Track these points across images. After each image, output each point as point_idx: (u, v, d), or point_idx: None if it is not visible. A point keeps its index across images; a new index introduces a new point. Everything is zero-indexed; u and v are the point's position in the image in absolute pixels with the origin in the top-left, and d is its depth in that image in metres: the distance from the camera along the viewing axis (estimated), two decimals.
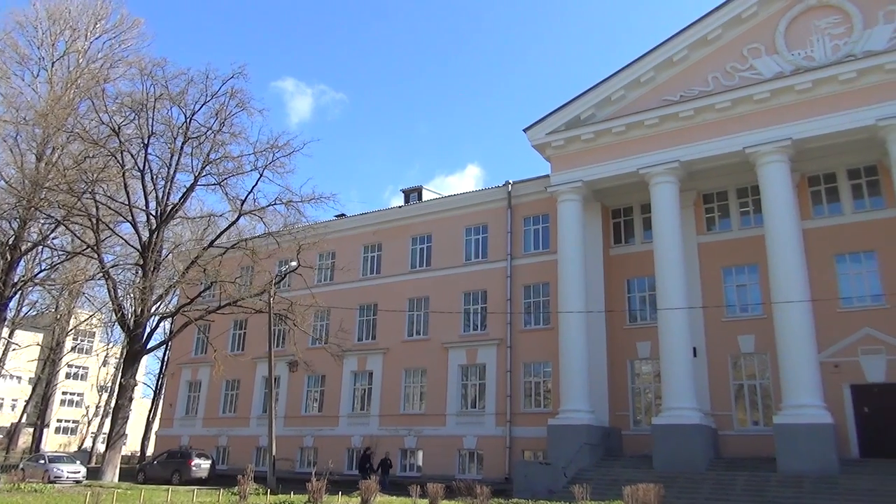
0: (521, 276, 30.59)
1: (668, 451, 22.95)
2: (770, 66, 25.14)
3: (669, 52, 26.90)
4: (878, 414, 22.68)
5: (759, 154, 24.31)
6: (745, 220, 26.96)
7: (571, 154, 28.42)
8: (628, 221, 29.60)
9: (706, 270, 26.80)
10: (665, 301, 24.82)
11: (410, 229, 34.61)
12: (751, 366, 25.62)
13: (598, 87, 28.03)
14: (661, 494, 17.95)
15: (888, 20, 23.39)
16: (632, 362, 27.86)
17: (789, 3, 25.35)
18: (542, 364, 29.19)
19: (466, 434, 29.76)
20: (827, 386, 22.59)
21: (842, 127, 23.23)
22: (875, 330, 23.17)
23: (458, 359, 31.20)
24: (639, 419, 27.11)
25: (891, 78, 22.61)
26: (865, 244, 24.25)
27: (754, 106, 24.80)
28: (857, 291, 24.13)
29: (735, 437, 24.67)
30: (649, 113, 26.53)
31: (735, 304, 26.32)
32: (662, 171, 26.02)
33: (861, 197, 25.07)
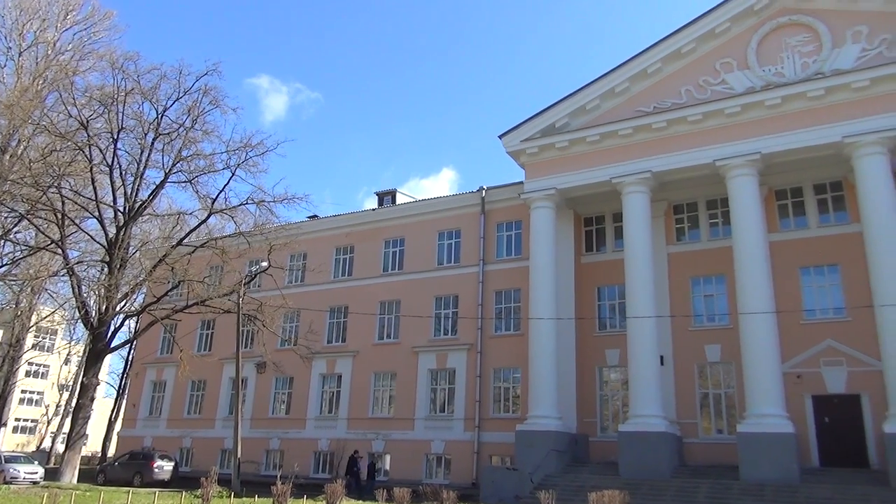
0: (492, 281, 30.68)
1: (633, 458, 23.17)
2: (741, 80, 25.61)
3: (644, 64, 27.25)
4: (837, 424, 23.19)
5: (728, 167, 24.73)
6: (713, 232, 27.40)
7: (545, 162, 28.62)
8: (600, 230, 29.89)
9: (675, 280, 27.16)
10: (634, 309, 25.08)
11: (383, 232, 34.51)
12: (716, 375, 26.01)
13: (574, 97, 28.28)
14: (625, 501, 18.13)
15: (855, 40, 23.99)
16: (600, 369, 28.10)
17: (761, 20, 25.86)
18: (511, 370, 29.28)
19: (435, 438, 29.70)
20: (789, 396, 23.02)
21: (809, 143, 23.74)
22: (837, 342, 23.69)
23: (428, 363, 31.15)
24: (606, 426, 27.33)
25: (857, 96, 23.17)
26: (829, 258, 24.80)
27: (725, 119, 25.23)
28: (820, 304, 24.66)
29: (700, 444, 25.00)
30: (623, 123, 26.83)
31: (702, 314, 26.72)
32: (634, 181, 26.32)
33: (826, 211, 25.64)
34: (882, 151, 22.54)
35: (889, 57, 23.12)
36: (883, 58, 23.23)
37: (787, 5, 25.43)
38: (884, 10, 23.64)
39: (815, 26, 24.71)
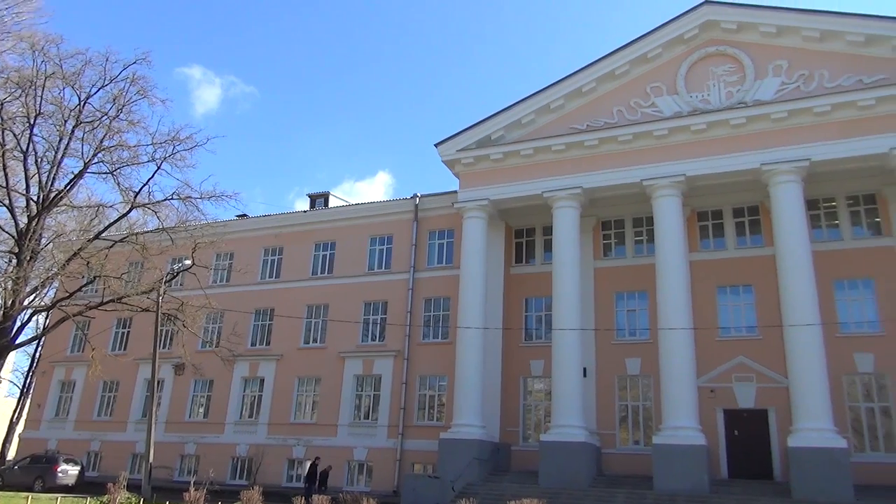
0: (422, 289, 30.67)
1: (553, 467, 23.55)
2: (670, 105, 26.60)
3: (579, 83, 27.91)
4: (746, 437, 24.28)
5: (654, 187, 25.59)
6: (638, 249, 28.28)
7: (480, 172, 28.90)
8: (530, 242, 30.38)
9: (600, 294, 27.86)
10: (560, 322, 25.56)
11: (314, 235, 34.01)
12: (636, 387, 26.79)
13: (510, 110, 28.70)
14: None
15: (776, 73, 25.30)
16: (525, 379, 28.50)
17: (691, 49, 26.94)
18: (438, 377, 29.31)
19: (357, 445, 29.38)
20: (703, 409, 23.96)
21: (730, 168, 24.85)
22: (748, 359, 24.84)
23: (354, 369, 30.81)
24: (528, 435, 27.71)
25: (776, 126, 24.42)
26: (744, 278, 25.99)
27: (653, 141, 26.13)
28: (734, 322, 25.80)
29: (617, 455, 25.68)
30: (556, 139, 27.40)
31: (625, 328, 27.49)
32: (565, 195, 26.89)
33: (743, 234, 26.88)
34: (796, 180, 23.82)
35: (805, 91, 24.49)
36: (800, 91, 24.59)
37: (714, 36, 26.57)
38: (803, 47, 25.03)
39: (740, 58, 25.92)
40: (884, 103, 23.09)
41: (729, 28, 26.03)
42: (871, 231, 25.30)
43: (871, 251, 24.73)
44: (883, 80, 23.44)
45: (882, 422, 23.34)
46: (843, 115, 23.63)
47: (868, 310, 24.36)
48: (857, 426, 23.54)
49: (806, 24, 24.69)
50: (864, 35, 23.85)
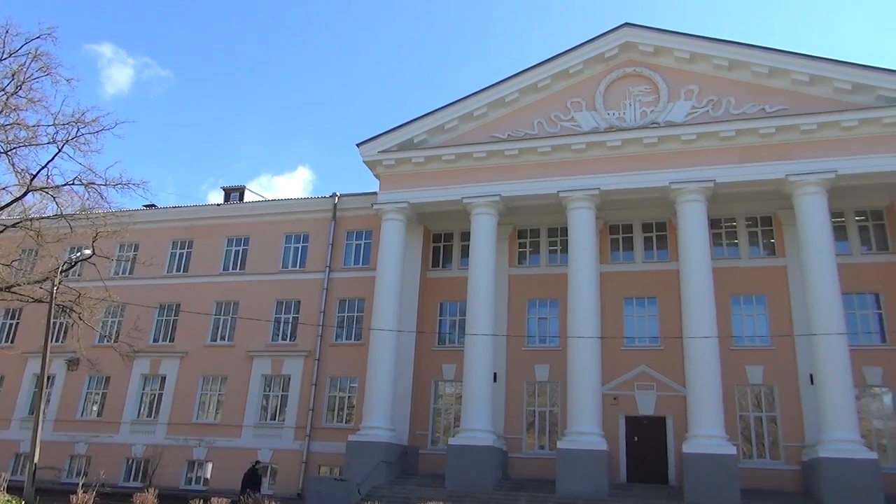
0: (337, 289, 30.29)
1: (460, 470, 23.73)
2: (588, 120, 27.42)
3: (502, 93, 28.35)
4: (645, 443, 25.30)
5: (570, 199, 26.30)
6: (552, 258, 28.97)
7: (401, 175, 28.86)
8: (448, 247, 30.57)
9: (513, 301, 28.35)
10: (473, 327, 25.83)
11: (227, 229, 32.98)
12: (544, 393, 27.41)
13: (434, 115, 28.82)
14: None
15: (688, 98, 26.52)
16: (436, 383, 28.64)
17: (610, 68, 27.87)
18: (349, 379, 29.01)
19: (262, 447, 28.62)
20: (606, 416, 24.79)
21: (641, 184, 25.88)
22: (650, 368, 25.91)
23: (262, 368, 30.04)
24: (437, 439, 27.84)
25: (685, 148, 25.62)
26: (649, 291, 27.10)
27: (571, 154, 26.86)
28: (639, 332, 26.86)
29: (523, 459, 26.17)
30: (478, 147, 27.73)
31: (536, 335, 28.10)
32: (484, 203, 27.24)
33: (651, 248, 28.04)
34: (701, 199, 25.06)
35: (713, 116, 25.81)
36: (709, 116, 25.88)
37: (633, 57, 27.61)
38: (713, 74, 26.36)
39: (656, 80, 27.04)
40: (783, 132, 24.66)
41: (646, 51, 27.13)
42: (767, 251, 26.93)
43: (766, 270, 26.34)
44: (783, 110, 25.02)
45: (769, 430, 24.87)
46: (746, 141, 25.07)
47: (760, 325, 25.93)
48: (746, 434, 24.98)
49: (716, 53, 26.04)
50: (768, 67, 25.39)
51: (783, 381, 24.82)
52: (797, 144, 24.56)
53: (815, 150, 24.31)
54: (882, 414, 24.49)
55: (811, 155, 24.27)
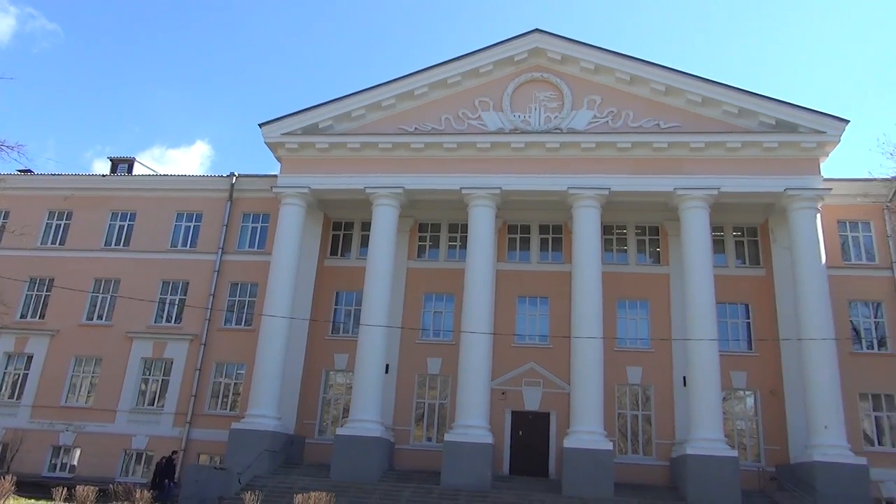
0: (229, 272, 29.26)
1: (346, 461, 23.55)
2: (494, 120, 27.86)
3: (412, 86, 28.28)
4: (528, 437, 26.11)
5: (472, 196, 26.66)
6: (451, 253, 29.26)
7: (303, 160, 28.26)
8: (347, 236, 30.23)
9: (410, 294, 28.42)
10: (368, 317, 25.67)
11: (112, 202, 31.11)
12: (435, 386, 27.67)
13: (341, 101, 28.38)
14: (331, 503, 18.24)
15: (590, 107, 27.50)
16: (327, 372, 28.28)
17: (518, 71, 28.44)
18: (236, 365, 28.11)
19: (138, 433, 27.25)
20: (493, 410, 25.35)
21: (541, 187, 26.62)
22: (538, 365, 26.73)
23: (142, 351, 28.56)
24: (325, 428, 27.51)
25: (584, 155, 26.56)
26: (542, 291, 27.94)
27: (475, 153, 27.22)
28: (529, 330, 27.66)
29: (410, 451, 26.33)
30: (384, 137, 27.58)
31: (430, 329, 28.30)
32: (387, 194, 27.12)
33: (547, 250, 28.90)
34: (596, 206, 26.08)
35: (613, 127, 26.89)
36: (608, 127, 26.94)
37: (541, 63, 28.30)
38: (615, 87, 27.45)
39: (561, 87, 27.85)
40: (674, 148, 26.09)
41: (554, 58, 27.91)
42: (653, 259, 28.42)
43: (650, 277, 27.78)
44: (676, 127, 26.45)
45: (644, 428, 26.28)
46: (641, 154, 26.33)
47: (642, 328, 27.33)
48: (623, 431, 26.29)
49: (619, 67, 27.17)
50: (665, 85, 26.75)
51: (659, 383, 26.29)
52: (686, 160, 26.06)
53: (702, 167, 25.89)
54: (745, 415, 26.46)
55: (698, 171, 25.82)
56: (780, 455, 24.78)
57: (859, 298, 26.28)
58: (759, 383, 26.04)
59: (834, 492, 21.20)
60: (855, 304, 26.31)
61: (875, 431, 24.97)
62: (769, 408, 25.71)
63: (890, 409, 25.05)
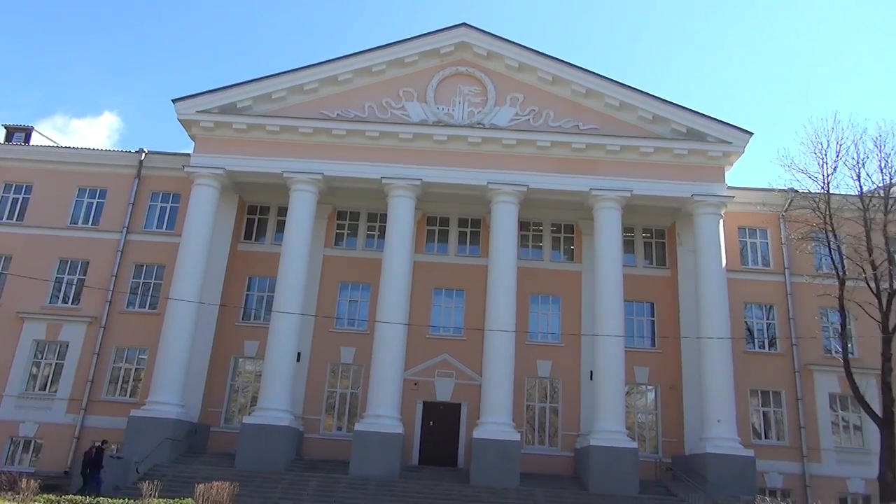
0: (134, 252, 27.96)
1: (252, 450, 23.03)
2: (418, 111, 27.80)
3: (336, 71, 27.82)
4: (439, 428, 26.34)
5: (392, 186, 26.54)
6: (369, 242, 29.05)
7: (219, 139, 27.33)
8: (263, 220, 29.50)
9: (326, 281, 28.03)
10: (281, 304, 25.13)
11: (5, 173, 29.15)
12: (347, 376, 27.45)
13: (262, 82, 27.61)
14: (234, 493, 17.71)
15: (513, 104, 27.88)
16: (236, 359, 27.57)
17: (444, 64, 28.48)
18: (138, 350, 26.94)
19: (26, 419, 25.71)
20: (405, 400, 25.40)
21: (462, 181, 26.80)
22: (451, 357, 26.99)
23: (34, 332, 26.91)
24: (231, 417, 26.83)
25: (505, 151, 26.93)
26: (458, 283, 28.18)
27: (397, 143, 27.10)
28: (444, 322, 27.85)
29: (320, 440, 26.05)
30: (305, 121, 27.03)
31: (344, 318, 28.03)
32: (306, 179, 26.61)
33: (465, 243, 29.14)
34: (514, 202, 26.51)
35: (534, 125, 27.37)
36: (529, 125, 27.41)
37: (466, 58, 28.46)
38: (537, 86, 27.95)
39: (485, 83, 28.10)
40: (592, 149, 26.84)
41: (480, 53, 28.12)
42: (566, 256, 29.18)
43: (563, 273, 28.51)
44: (594, 129, 27.22)
45: (551, 420, 27.02)
46: (559, 153, 26.95)
47: (553, 323, 28.04)
48: (531, 422, 26.96)
49: (542, 67, 27.68)
50: (585, 88, 27.47)
51: (567, 376, 27.07)
52: (602, 162, 26.88)
53: (617, 169, 26.77)
54: (646, 409, 27.64)
55: (612, 173, 26.68)
56: (677, 447, 26.03)
57: (754, 301, 27.90)
58: (660, 378, 27.23)
59: (723, 481, 22.45)
60: (750, 306, 27.91)
61: (763, 425, 26.63)
62: (668, 402, 26.95)
63: (777, 405, 26.76)
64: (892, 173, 23.44)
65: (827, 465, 25.62)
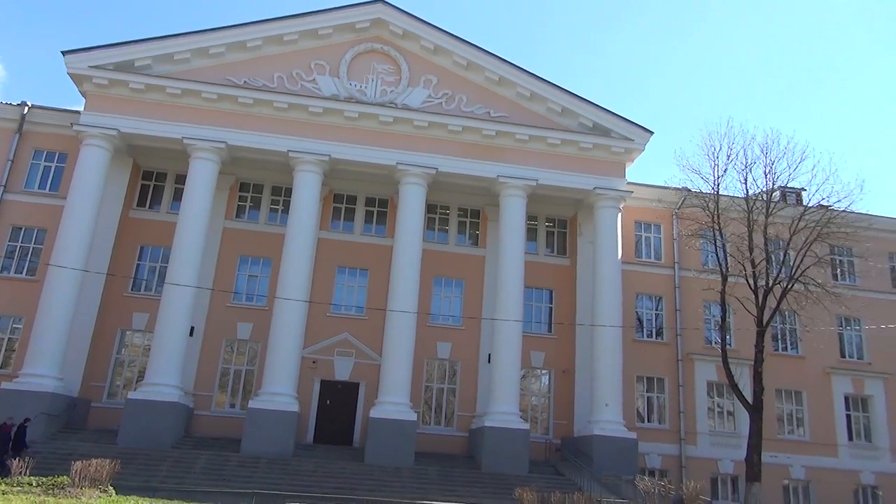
0: (12, 214, 25.91)
1: (137, 426, 22.01)
2: (329, 85, 27.16)
3: (244, 37, 26.70)
4: (335, 406, 26.18)
5: (299, 161, 25.87)
6: (272, 217, 28.25)
7: (114, 98, 25.69)
8: (159, 187, 28.06)
9: (224, 254, 27.07)
10: (175, 276, 24.02)
11: None
12: (243, 352, 26.70)
13: (164, 41, 26.16)
14: (115, 471, 16.87)
15: (426, 86, 27.73)
16: (124, 332, 26.23)
17: (359, 39, 27.93)
18: (12, 318, 25.03)
19: None
20: (302, 378, 25.07)
21: (371, 159, 26.47)
22: (352, 336, 26.81)
23: None
24: (115, 392, 25.50)
25: (416, 133, 26.80)
26: (363, 262, 27.94)
27: (307, 116, 26.39)
28: (346, 301, 27.56)
29: (211, 417, 25.26)
30: (210, 87, 25.85)
31: (243, 292, 27.19)
32: (207, 147, 25.49)
33: (371, 222, 28.87)
34: (422, 184, 26.49)
35: (446, 109, 27.35)
36: (442, 108, 27.38)
37: (382, 35, 28.03)
38: (451, 70, 27.92)
39: (400, 62, 27.80)
40: (501, 137, 27.17)
41: (396, 32, 27.78)
42: (471, 241, 29.52)
43: (468, 257, 28.86)
44: (504, 117, 27.55)
45: (448, 401, 27.42)
46: (469, 138, 27.12)
47: (455, 306, 28.35)
48: (429, 402, 27.26)
49: (457, 51, 27.68)
50: (498, 76, 27.72)
51: (466, 358, 27.51)
52: (510, 150, 27.28)
53: (524, 158, 27.26)
54: (539, 392, 28.54)
55: (520, 162, 27.14)
56: (567, 429, 27.07)
57: (645, 292, 29.30)
58: (554, 363, 28.16)
59: (607, 462, 23.55)
60: (641, 297, 29.31)
61: (646, 410, 28.11)
62: (561, 386, 27.94)
63: (660, 391, 28.29)
64: (776, 179, 25.15)
65: (701, 447, 27.41)
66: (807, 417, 28.74)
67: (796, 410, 28.88)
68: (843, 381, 29.29)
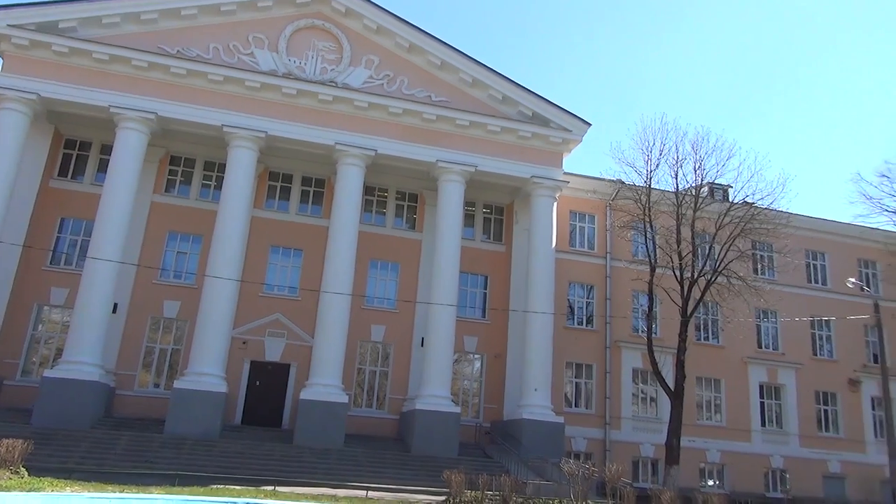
0: None
1: (53, 406, 21.06)
2: (268, 60, 26.42)
3: (179, 4, 25.66)
4: (266, 388, 25.76)
5: (233, 136, 25.13)
6: (203, 192, 27.40)
7: (35, 61, 24.31)
8: (83, 157, 26.77)
9: (152, 229, 26.13)
10: (97, 250, 22.99)
11: None
12: (169, 331, 25.92)
13: (91, 3, 24.88)
14: (28, 451, 16.10)
15: (368, 66, 27.31)
16: (41, 307, 25.00)
17: (299, 14, 27.23)
18: None
19: None
20: (232, 359, 24.54)
21: (308, 138, 25.95)
22: (284, 317, 26.39)
23: None
24: (30, 369, 24.34)
25: (355, 113, 26.40)
26: (297, 243, 27.47)
27: (243, 90, 25.62)
28: (279, 281, 27.08)
29: (133, 397, 24.49)
30: (140, 54, 24.76)
31: (171, 269, 26.35)
32: (136, 118, 24.44)
33: (307, 202, 28.39)
34: (360, 165, 26.16)
35: (387, 90, 27.03)
36: (383, 90, 27.04)
37: (324, 11, 27.39)
38: (394, 52, 27.50)
39: (341, 41, 27.27)
40: (442, 121, 27.10)
41: (338, 9, 27.20)
42: (409, 224, 29.42)
43: (404, 241, 28.78)
44: (446, 102, 27.44)
45: (380, 384, 27.40)
46: (410, 121, 26.95)
47: (390, 289, 28.28)
48: (361, 385, 27.16)
49: (399, 32, 27.37)
50: (441, 60, 27.57)
51: (399, 342, 27.51)
52: (450, 135, 27.25)
53: (464, 144, 27.29)
54: (471, 376, 28.84)
55: (460, 147, 27.16)
56: (497, 412, 27.47)
57: (577, 280, 29.93)
58: (487, 348, 28.49)
59: (535, 445, 24.02)
60: (573, 286, 29.94)
61: (574, 395, 28.82)
62: (492, 370, 28.30)
63: (588, 377, 29.06)
64: (704, 175, 26.07)
65: (625, 431, 28.36)
66: (724, 404, 30.09)
67: (714, 397, 30.17)
68: (758, 370, 30.78)
